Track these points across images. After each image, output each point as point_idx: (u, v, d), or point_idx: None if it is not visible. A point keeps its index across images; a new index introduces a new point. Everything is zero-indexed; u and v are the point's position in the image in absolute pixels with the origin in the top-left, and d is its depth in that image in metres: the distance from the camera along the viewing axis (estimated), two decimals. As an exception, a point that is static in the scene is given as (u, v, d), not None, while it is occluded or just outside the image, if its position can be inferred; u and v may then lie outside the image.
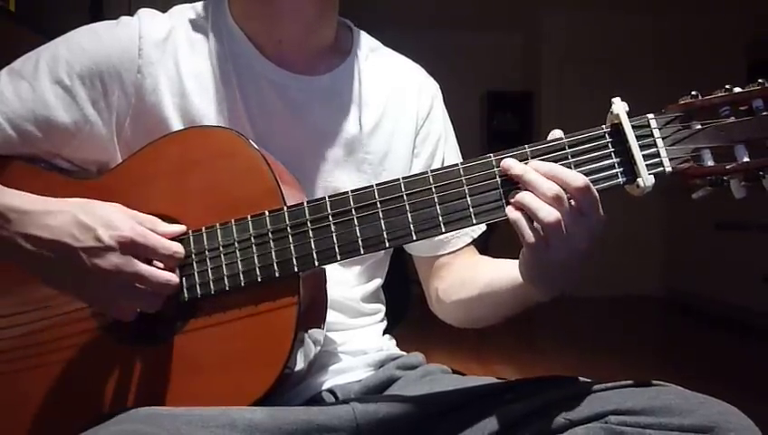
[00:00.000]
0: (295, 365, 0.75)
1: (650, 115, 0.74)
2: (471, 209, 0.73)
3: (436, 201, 0.74)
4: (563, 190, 0.70)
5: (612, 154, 0.73)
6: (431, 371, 0.92)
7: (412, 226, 0.74)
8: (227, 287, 0.76)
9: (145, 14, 0.88)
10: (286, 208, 0.76)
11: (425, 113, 1.00)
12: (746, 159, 0.71)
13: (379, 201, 0.74)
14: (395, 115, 0.96)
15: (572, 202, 0.70)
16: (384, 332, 0.99)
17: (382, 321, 0.99)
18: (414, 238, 0.74)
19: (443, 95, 1.04)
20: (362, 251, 0.74)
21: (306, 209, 0.75)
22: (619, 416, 0.70)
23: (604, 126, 0.75)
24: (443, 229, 0.74)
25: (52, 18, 2.26)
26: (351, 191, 0.75)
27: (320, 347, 0.81)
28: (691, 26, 5.55)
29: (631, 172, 0.73)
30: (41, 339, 0.81)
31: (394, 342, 1.00)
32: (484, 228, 0.99)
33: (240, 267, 0.76)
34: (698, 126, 0.73)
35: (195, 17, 0.90)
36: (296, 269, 0.75)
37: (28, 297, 0.81)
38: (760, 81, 0.71)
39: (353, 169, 0.91)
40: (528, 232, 0.70)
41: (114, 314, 0.76)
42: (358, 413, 0.76)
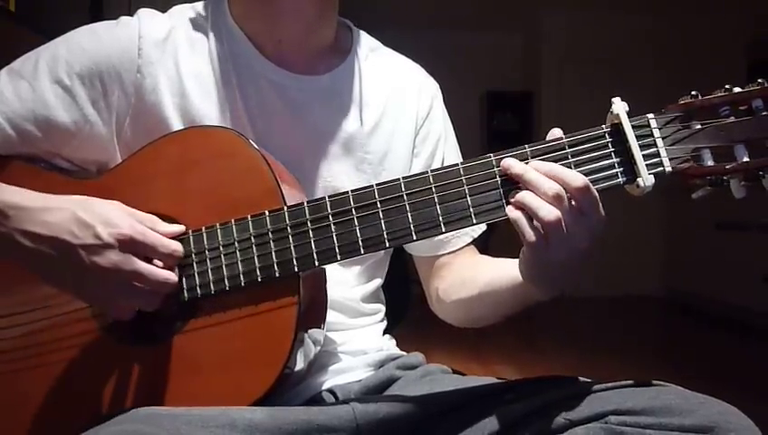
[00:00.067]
0: (295, 365, 0.75)
1: (650, 115, 0.74)
2: (471, 209, 0.73)
3: (436, 201, 0.74)
4: (563, 190, 0.70)
5: (612, 154, 0.73)
6: (431, 371, 0.92)
7: (412, 226, 0.74)
8: (227, 287, 0.76)
9: (145, 14, 0.88)
10: (286, 208, 0.76)
11: (425, 113, 1.00)
12: (746, 158, 0.71)
13: (379, 201, 0.74)
14: (395, 115, 0.96)
15: (573, 202, 0.70)
16: (384, 332, 0.99)
17: (382, 321, 0.99)
18: (414, 238, 0.74)
19: (443, 95, 1.04)
20: (362, 251, 0.74)
21: (306, 209, 0.75)
22: (619, 416, 0.70)
23: (604, 126, 0.75)
24: (443, 229, 0.74)
25: (52, 18, 2.25)
26: (351, 191, 0.75)
27: (320, 347, 0.81)
28: (691, 26, 5.54)
29: (631, 172, 0.73)
30: (41, 339, 0.81)
31: (394, 342, 1.00)
32: (484, 228, 0.99)
33: (240, 267, 0.76)
34: (698, 126, 0.73)
35: (195, 17, 0.90)
36: (296, 269, 0.75)
37: (28, 297, 0.81)
38: (760, 81, 0.71)
39: (353, 168, 0.91)
40: (528, 231, 0.70)
41: (112, 312, 0.76)
42: (358, 413, 0.76)
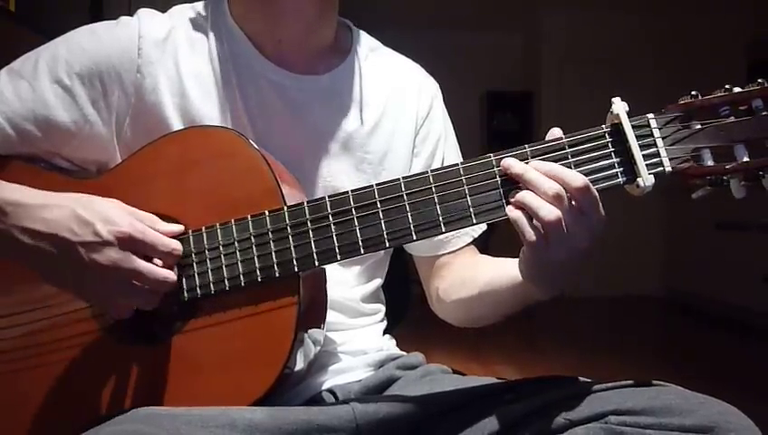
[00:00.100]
0: (295, 365, 0.75)
1: (650, 115, 0.74)
2: (471, 209, 0.73)
3: (436, 201, 0.74)
4: (564, 190, 0.70)
5: (612, 154, 0.73)
6: (431, 371, 0.92)
7: (412, 226, 0.74)
8: (227, 287, 0.76)
9: (145, 13, 0.88)
10: (286, 208, 0.76)
11: (425, 113, 1.00)
12: (746, 158, 0.71)
13: (379, 201, 0.74)
14: (395, 115, 0.96)
15: (573, 202, 0.70)
16: (384, 332, 0.99)
17: (382, 321, 0.99)
18: (414, 238, 0.74)
19: (443, 95, 1.04)
20: (362, 251, 0.74)
21: (306, 209, 0.75)
22: (619, 416, 0.70)
23: (604, 126, 0.75)
24: (443, 229, 0.74)
25: (52, 18, 2.26)
26: (351, 191, 0.75)
27: (320, 347, 0.80)
28: (691, 26, 5.55)
29: (631, 172, 0.73)
30: (41, 339, 0.81)
31: (394, 342, 0.99)
32: (484, 228, 0.99)
33: (240, 267, 0.76)
34: (698, 126, 0.73)
35: (194, 17, 0.90)
36: (296, 269, 0.75)
37: (28, 297, 0.81)
38: (759, 81, 0.71)
39: (353, 168, 0.91)
40: (529, 231, 0.70)
41: (111, 310, 0.76)
42: (358, 413, 0.76)
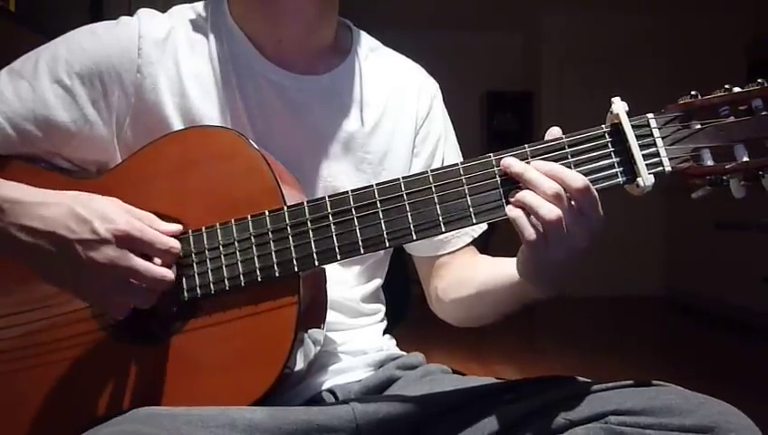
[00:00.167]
0: (295, 365, 0.75)
1: (650, 115, 0.74)
2: (471, 209, 0.73)
3: (436, 201, 0.74)
4: (563, 190, 0.70)
5: (612, 154, 0.73)
6: (431, 371, 0.92)
7: (412, 225, 0.74)
8: (227, 287, 0.76)
9: (145, 13, 0.88)
10: (286, 208, 0.76)
11: (424, 113, 1.00)
12: (746, 158, 0.71)
13: (379, 201, 0.74)
14: (395, 115, 0.96)
15: (572, 202, 0.70)
16: (384, 332, 0.99)
17: (382, 321, 0.99)
18: (414, 238, 0.74)
19: (443, 95, 1.04)
20: (362, 251, 0.74)
21: (306, 209, 0.75)
22: (619, 416, 0.70)
23: (604, 126, 0.75)
24: (443, 229, 0.74)
25: (52, 18, 2.26)
26: (351, 191, 0.75)
27: (320, 347, 0.81)
28: (691, 26, 5.55)
29: (631, 172, 0.73)
30: (40, 339, 0.81)
31: (394, 342, 0.99)
32: (484, 228, 0.99)
33: (240, 267, 0.76)
34: (698, 126, 0.73)
35: (194, 17, 0.90)
36: (296, 269, 0.75)
37: (27, 297, 0.81)
38: (759, 80, 0.71)
39: (353, 168, 0.91)
40: (529, 230, 0.70)
41: (108, 309, 0.76)
42: (358, 413, 0.76)
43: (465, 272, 0.96)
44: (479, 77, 6.42)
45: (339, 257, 0.75)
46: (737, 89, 0.73)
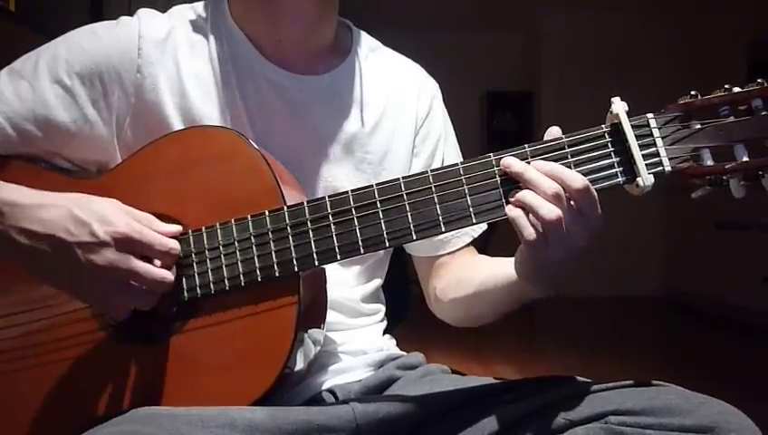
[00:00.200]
0: (295, 365, 0.75)
1: (650, 115, 0.74)
2: (471, 209, 0.73)
3: (436, 201, 0.74)
4: (563, 190, 0.70)
5: (612, 154, 0.73)
6: (431, 371, 0.92)
7: (412, 225, 0.74)
8: (227, 287, 0.76)
9: (145, 13, 0.88)
10: (286, 208, 0.76)
11: (424, 113, 1.00)
12: (746, 158, 0.71)
13: (379, 201, 0.74)
14: (395, 115, 0.96)
15: (572, 202, 0.70)
16: (384, 332, 0.99)
17: (382, 321, 0.99)
18: (414, 238, 0.74)
19: (443, 95, 1.04)
20: (362, 251, 0.74)
21: (306, 209, 0.75)
22: (619, 416, 0.70)
23: (604, 126, 0.75)
24: (443, 229, 0.74)
25: (52, 18, 2.26)
26: (351, 191, 0.75)
27: (320, 347, 0.81)
28: (691, 26, 5.55)
29: (631, 172, 0.73)
30: (40, 339, 0.81)
31: (394, 342, 1.00)
32: (484, 228, 0.99)
33: (240, 267, 0.76)
34: (698, 126, 0.73)
35: (194, 17, 0.90)
36: (296, 269, 0.75)
37: (27, 297, 0.81)
38: (759, 80, 0.71)
39: (353, 168, 0.91)
40: (528, 229, 0.70)
41: (108, 311, 0.76)
42: (357, 413, 0.76)
43: (465, 272, 0.96)
44: (479, 77, 6.42)
45: (339, 257, 0.75)
46: (737, 89, 0.73)
